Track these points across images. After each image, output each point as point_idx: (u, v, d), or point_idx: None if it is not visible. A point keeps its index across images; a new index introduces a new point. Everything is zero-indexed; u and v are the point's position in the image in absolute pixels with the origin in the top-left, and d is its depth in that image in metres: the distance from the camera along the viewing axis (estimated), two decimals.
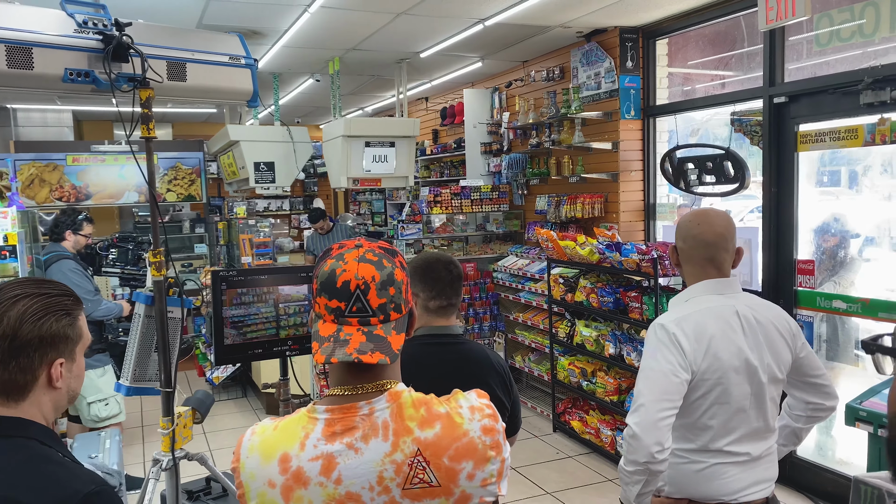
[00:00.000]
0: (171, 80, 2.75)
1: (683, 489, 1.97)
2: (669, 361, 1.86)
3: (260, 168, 6.78)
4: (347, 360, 1.13)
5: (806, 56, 4.35)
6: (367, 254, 1.21)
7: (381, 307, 1.19)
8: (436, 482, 1.16)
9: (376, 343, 1.17)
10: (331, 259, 1.21)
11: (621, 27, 5.33)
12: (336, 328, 1.18)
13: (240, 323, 2.25)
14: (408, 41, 5.75)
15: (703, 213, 2.07)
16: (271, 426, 1.23)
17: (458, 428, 1.19)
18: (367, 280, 1.18)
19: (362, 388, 1.20)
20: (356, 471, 1.15)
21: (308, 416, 1.21)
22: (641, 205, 5.58)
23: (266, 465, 1.18)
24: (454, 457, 1.17)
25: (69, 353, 1.32)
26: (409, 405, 1.20)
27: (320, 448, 1.16)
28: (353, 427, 1.17)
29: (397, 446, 1.16)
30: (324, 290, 1.19)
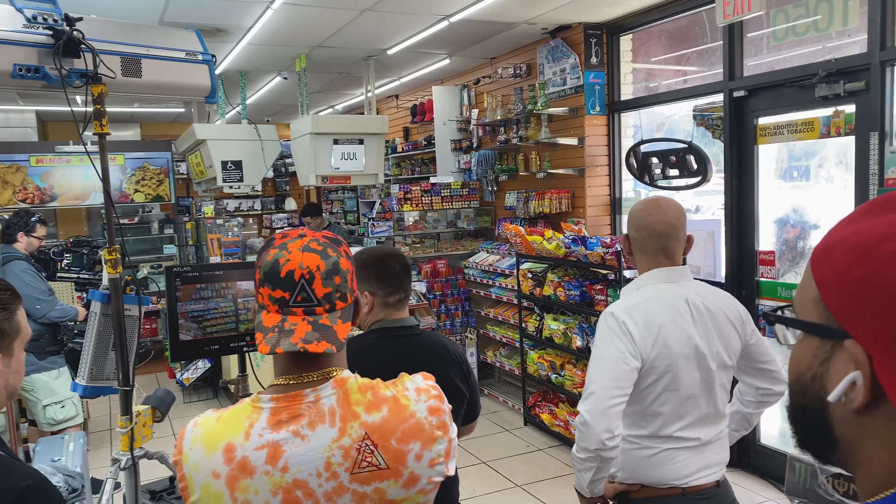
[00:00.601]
0: (125, 76, 2.72)
1: (635, 474, 2.00)
2: (619, 349, 1.89)
3: (227, 167, 6.72)
4: (293, 349, 1.14)
5: (765, 51, 4.43)
6: (311, 243, 1.21)
7: (326, 296, 1.19)
8: (384, 464, 1.17)
9: (322, 332, 1.17)
10: (273, 249, 1.21)
11: (585, 23, 5.38)
12: (281, 318, 1.18)
13: (199, 318, 2.23)
14: (374, 38, 5.74)
15: (655, 202, 2.10)
16: (214, 417, 1.23)
17: (404, 410, 1.21)
18: (311, 269, 1.18)
19: (308, 376, 1.20)
20: (303, 458, 1.16)
21: (252, 405, 1.21)
22: (608, 199, 5.64)
23: (210, 456, 1.17)
24: (402, 438, 1.18)
25: (6, 348, 1.30)
26: (355, 390, 1.21)
27: (266, 437, 1.16)
28: (298, 415, 1.18)
29: (345, 431, 1.17)
30: (267, 281, 1.19)
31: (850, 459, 0.64)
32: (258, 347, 1.17)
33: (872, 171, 3.65)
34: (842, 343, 0.61)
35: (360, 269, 2.08)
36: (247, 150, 6.68)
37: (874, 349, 0.58)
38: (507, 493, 4.41)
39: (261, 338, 1.17)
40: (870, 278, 0.59)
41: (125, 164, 8.41)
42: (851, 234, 0.63)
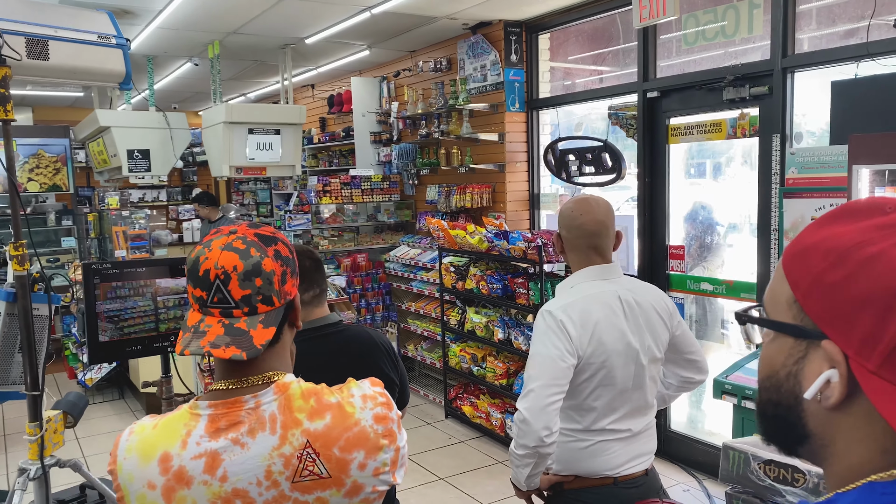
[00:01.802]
0: (31, 59, 2.54)
1: (570, 466, 2.06)
2: (557, 347, 1.93)
3: (134, 156, 6.39)
4: (199, 352, 1.10)
5: (676, 54, 4.63)
6: (235, 241, 1.15)
7: (244, 299, 1.13)
8: (326, 473, 1.14)
9: (234, 337, 1.12)
10: (200, 245, 1.17)
11: (506, 21, 5.45)
12: (199, 318, 1.14)
13: (116, 318, 2.11)
14: (293, 26, 5.60)
15: (584, 201, 2.15)
16: (150, 424, 1.18)
17: (349, 418, 1.17)
18: (227, 270, 1.12)
19: (247, 381, 1.16)
20: (242, 466, 1.12)
21: (190, 412, 1.16)
22: (526, 195, 5.75)
23: (145, 466, 1.12)
24: (344, 447, 1.15)
25: None
26: (297, 396, 1.17)
27: (204, 445, 1.12)
28: (238, 422, 1.13)
29: (286, 439, 1.13)
30: (189, 278, 1.16)
31: (820, 452, 0.68)
32: (175, 347, 1.14)
33: (774, 171, 3.89)
34: (818, 343, 0.65)
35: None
36: (155, 138, 6.38)
37: (849, 349, 0.62)
38: (431, 487, 4.43)
39: (180, 336, 1.14)
40: (846, 282, 0.62)
41: (17, 151, 7.85)
42: (825, 239, 0.66)
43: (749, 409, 3.40)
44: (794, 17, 3.79)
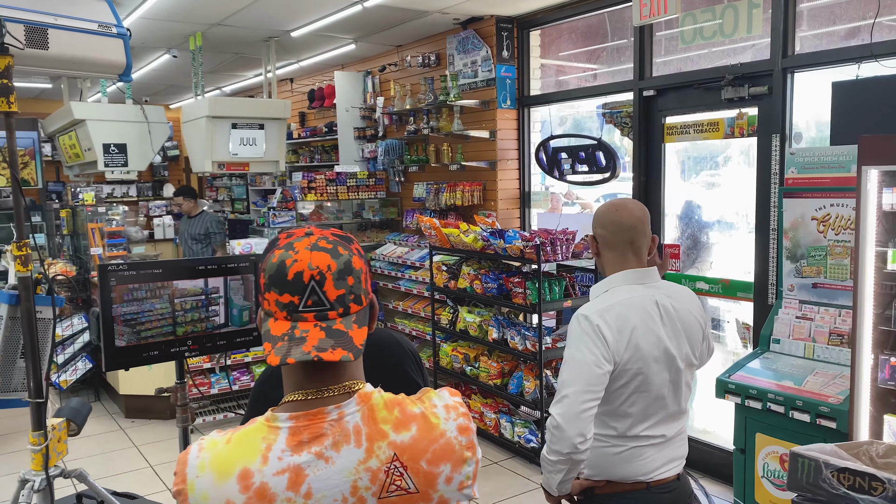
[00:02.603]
0: (30, 48, 2.40)
1: (603, 471, 2.02)
2: (593, 353, 1.89)
3: (110, 150, 6.17)
4: (306, 359, 1.02)
5: (672, 52, 4.63)
6: (319, 241, 1.10)
7: (339, 299, 1.08)
8: (414, 488, 1.08)
9: (337, 339, 1.06)
10: (279, 249, 1.09)
11: (497, 16, 5.40)
12: (290, 325, 1.06)
13: (132, 321, 2.01)
14: (279, 19, 5.46)
15: (621, 201, 2.13)
16: (222, 440, 1.09)
17: (434, 429, 1.12)
18: (322, 270, 1.06)
19: (327, 390, 1.09)
20: (327, 482, 1.05)
21: (267, 425, 1.09)
22: (517, 193, 5.71)
23: (222, 484, 1.04)
24: (432, 460, 1.10)
25: None
26: (381, 407, 1.11)
27: (286, 460, 1.04)
28: (321, 434, 1.06)
29: (372, 452, 1.07)
30: (273, 285, 1.07)
31: None
32: (267, 359, 1.05)
33: (774, 170, 3.91)
34: None
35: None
36: (132, 132, 6.17)
37: None
38: None
39: (269, 348, 1.05)
40: None
41: None
42: None
43: (752, 409, 3.41)
44: (795, 17, 3.81)
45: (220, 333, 2.21)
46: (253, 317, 2.29)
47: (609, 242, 2.06)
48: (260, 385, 1.83)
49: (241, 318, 2.26)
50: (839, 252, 3.45)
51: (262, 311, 1.12)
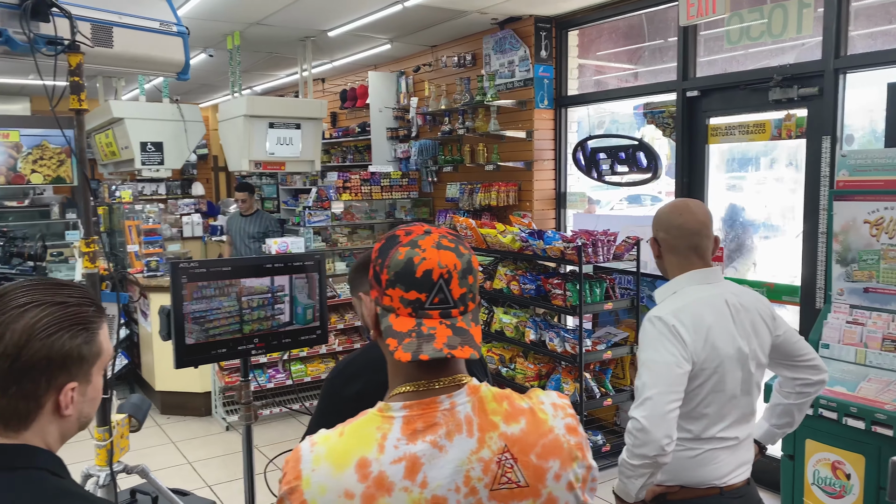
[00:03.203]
0: (96, 46, 2.42)
1: (676, 475, 1.99)
2: (672, 353, 1.87)
3: (147, 148, 6.23)
4: (439, 356, 1.04)
5: (712, 52, 4.58)
6: (442, 240, 1.11)
7: (461, 297, 1.09)
8: (524, 482, 1.08)
9: (462, 336, 1.07)
10: (402, 246, 1.10)
11: (536, 16, 5.37)
12: (415, 322, 1.08)
13: (201, 319, 2.01)
14: (318, 18, 5.48)
15: (683, 203, 2.10)
16: (335, 433, 1.10)
17: (543, 424, 1.12)
18: (449, 269, 1.08)
19: (438, 382, 1.10)
20: (442, 471, 1.05)
21: (381, 415, 1.09)
22: (553, 193, 5.68)
23: (340, 474, 1.04)
24: (542, 454, 1.10)
25: (83, 376, 1.08)
26: (490, 399, 1.12)
27: (402, 448, 1.05)
28: (435, 423, 1.07)
29: (483, 442, 1.07)
30: (399, 281, 1.08)
31: None
32: (394, 354, 1.05)
33: (824, 173, 3.85)
34: None
35: (353, 275, 1.99)
36: (168, 130, 6.23)
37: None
38: None
39: (395, 344, 1.06)
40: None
41: (21, 142, 7.65)
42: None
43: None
44: (848, 17, 3.75)
45: (286, 331, 2.22)
46: (317, 315, 2.29)
47: (672, 247, 2.03)
48: (331, 381, 1.83)
49: (306, 316, 2.26)
50: (893, 256, 3.39)
51: (378, 308, 1.13)
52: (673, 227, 2.04)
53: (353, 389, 1.79)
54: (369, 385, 1.79)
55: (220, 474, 4.61)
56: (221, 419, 5.48)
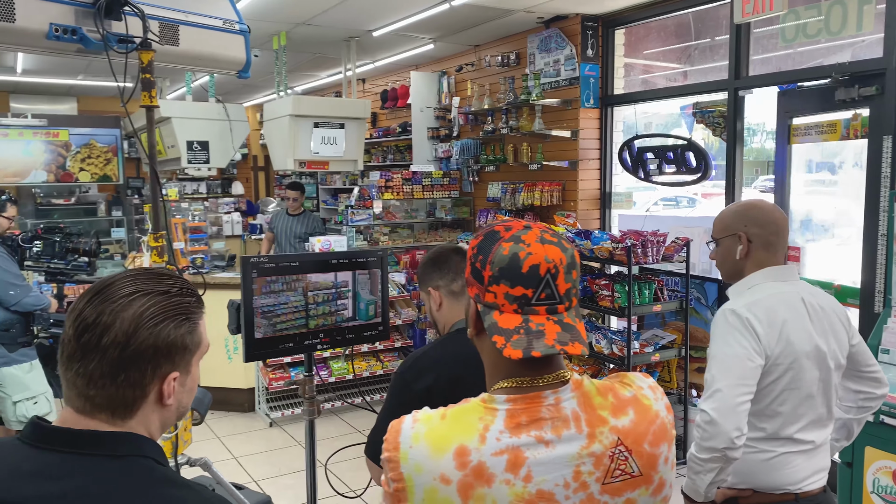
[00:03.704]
0: (163, 44, 2.46)
1: (748, 479, 1.95)
2: (744, 346, 1.84)
3: (193, 147, 6.32)
4: (551, 352, 1.03)
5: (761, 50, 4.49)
6: (544, 234, 1.10)
7: (567, 293, 1.09)
8: (637, 471, 1.08)
9: (571, 333, 1.07)
10: (505, 242, 1.09)
11: (583, 15, 5.33)
12: (522, 318, 1.07)
13: (269, 313, 2.03)
14: (364, 18, 5.51)
15: (763, 201, 2.10)
16: (437, 415, 1.10)
17: (648, 410, 1.12)
18: (556, 263, 1.07)
19: (542, 378, 1.09)
20: (548, 466, 1.04)
21: (484, 405, 1.09)
22: (598, 193, 5.63)
23: (438, 458, 1.04)
24: (653, 441, 1.10)
25: (185, 366, 1.09)
26: (595, 393, 1.11)
27: (504, 441, 1.04)
28: (539, 418, 1.06)
29: (594, 437, 1.07)
30: (505, 277, 1.07)
31: None
32: (503, 351, 1.04)
33: (885, 173, 3.75)
34: None
35: (421, 270, 2.01)
36: (214, 130, 6.31)
37: None
38: None
39: (502, 341, 1.05)
40: None
41: (70, 141, 7.83)
42: None
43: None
44: None
45: (350, 327, 2.22)
46: (378, 311, 2.29)
47: (766, 243, 1.99)
48: (401, 375, 1.83)
49: (368, 312, 2.27)
50: None
51: (478, 305, 1.12)
52: (769, 223, 2.01)
53: (423, 384, 1.78)
54: (440, 380, 1.79)
55: (266, 470, 4.66)
56: (265, 415, 5.54)
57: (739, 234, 2.00)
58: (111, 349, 1.00)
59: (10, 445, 1.03)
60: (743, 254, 2.00)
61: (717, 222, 2.07)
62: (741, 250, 1.99)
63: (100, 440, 1.01)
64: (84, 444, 1.00)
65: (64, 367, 1.03)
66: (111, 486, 0.97)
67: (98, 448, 1.00)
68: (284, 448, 5.03)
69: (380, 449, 1.83)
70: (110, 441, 1.02)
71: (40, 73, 8.29)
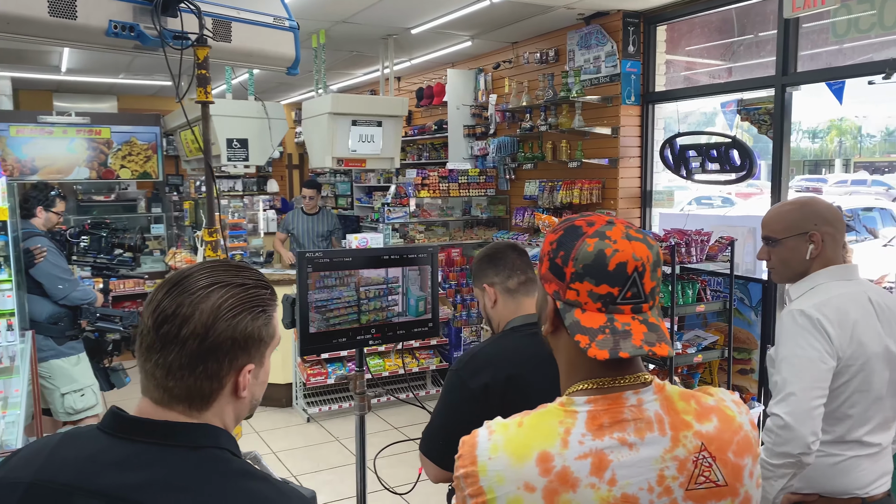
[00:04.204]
0: (216, 41, 2.48)
1: (814, 483, 1.90)
2: (816, 348, 1.79)
3: (233, 145, 6.39)
4: (639, 353, 1.01)
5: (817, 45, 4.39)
6: (629, 230, 1.07)
7: (652, 291, 1.06)
8: (722, 480, 1.05)
9: (657, 333, 1.04)
10: (589, 238, 1.06)
11: (625, 11, 5.26)
12: (606, 318, 1.04)
13: (322, 308, 2.03)
14: (404, 15, 5.51)
15: (821, 198, 2.04)
16: (514, 423, 1.08)
17: (732, 421, 1.09)
18: (643, 261, 1.04)
19: (623, 379, 1.07)
20: (632, 469, 1.02)
21: (563, 409, 1.06)
22: (638, 191, 5.56)
23: (520, 466, 1.02)
24: (738, 452, 1.07)
25: (259, 358, 1.09)
26: (677, 398, 1.09)
27: (588, 444, 1.02)
28: (622, 420, 1.04)
29: (678, 441, 1.04)
30: (589, 274, 1.04)
31: None
32: (587, 351, 1.02)
33: None
34: None
35: (476, 265, 2.00)
36: (253, 127, 6.38)
37: None
38: None
39: (586, 341, 1.02)
40: None
41: (111, 138, 7.97)
42: None
43: None
44: None
45: (400, 323, 2.22)
46: (428, 307, 2.28)
47: (835, 241, 1.94)
48: (457, 373, 1.82)
49: (417, 308, 2.26)
50: None
51: (556, 303, 1.09)
52: (837, 220, 1.97)
53: (479, 382, 1.77)
54: (497, 378, 1.77)
55: (305, 465, 4.69)
56: (302, 410, 5.58)
57: (812, 234, 1.93)
58: (190, 340, 1.01)
59: (91, 435, 1.04)
60: (815, 253, 1.94)
61: (777, 221, 2.00)
62: (812, 250, 1.93)
63: (178, 431, 1.01)
64: (163, 434, 1.01)
65: (143, 359, 1.03)
66: (191, 478, 0.98)
67: (177, 439, 1.01)
68: (322, 444, 5.06)
69: (435, 445, 1.83)
70: (188, 432, 1.02)
71: (84, 72, 8.45)
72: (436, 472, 1.84)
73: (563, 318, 1.08)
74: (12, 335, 3.29)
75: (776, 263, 2.02)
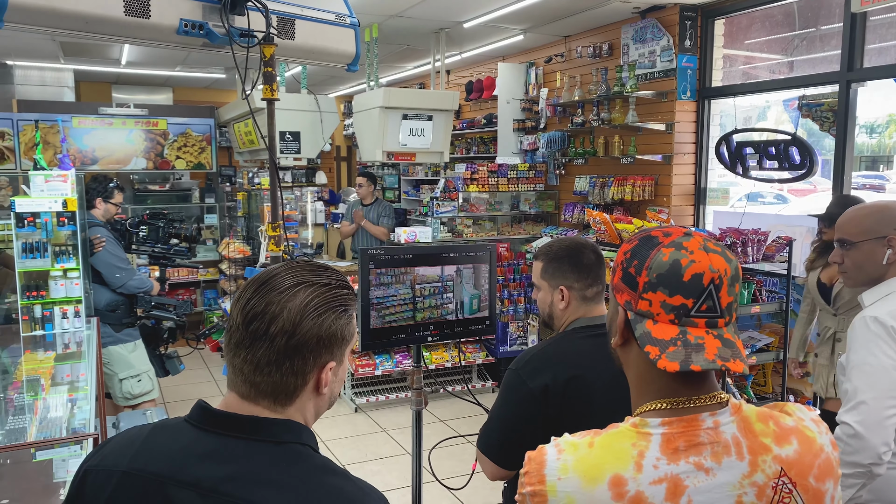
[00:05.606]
0: (280, 38, 2.52)
1: (885, 497, 1.85)
2: (890, 356, 1.75)
3: (285, 138, 6.50)
4: (712, 367, 0.98)
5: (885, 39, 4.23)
6: (707, 242, 1.05)
7: (728, 306, 1.03)
8: None
9: (732, 349, 1.01)
10: (665, 248, 1.04)
11: (682, 4, 5.16)
12: (678, 330, 1.01)
13: (379, 305, 2.06)
14: (456, 9, 5.51)
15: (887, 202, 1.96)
16: (584, 442, 1.06)
17: (813, 443, 1.05)
18: (720, 273, 1.01)
19: (699, 399, 1.04)
20: (709, 496, 0.99)
21: (636, 430, 1.04)
22: (692, 189, 5.46)
23: (592, 489, 1.00)
24: (819, 476, 1.03)
25: (340, 355, 1.12)
26: (755, 419, 1.05)
27: (662, 469, 1.00)
28: (698, 443, 1.01)
29: (756, 466, 1.01)
30: (664, 285, 1.02)
31: None
32: (657, 363, 1.00)
33: None
34: None
35: (553, 263, 1.95)
36: (306, 120, 6.47)
37: None
38: None
39: (656, 352, 1.00)
40: None
41: (168, 130, 8.18)
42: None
43: None
44: None
45: (457, 320, 2.23)
46: (483, 305, 2.29)
47: None
48: (515, 373, 1.82)
49: (472, 306, 2.27)
50: None
51: (628, 313, 1.08)
52: None
53: (539, 382, 1.77)
54: (557, 379, 1.77)
55: (353, 455, 4.76)
56: (350, 401, 5.66)
57: (890, 238, 1.88)
58: (279, 337, 1.03)
59: (179, 427, 1.08)
60: (892, 258, 1.88)
61: (853, 224, 1.95)
62: (890, 255, 1.88)
63: (263, 426, 1.04)
64: (249, 429, 1.04)
65: (231, 354, 1.07)
66: (275, 472, 1.01)
67: (262, 434, 1.04)
68: (369, 434, 5.13)
69: (493, 443, 1.84)
70: (273, 427, 1.05)
71: (142, 65, 8.69)
72: (493, 470, 1.85)
73: (633, 329, 1.06)
74: (79, 321, 3.42)
75: (850, 267, 1.97)
